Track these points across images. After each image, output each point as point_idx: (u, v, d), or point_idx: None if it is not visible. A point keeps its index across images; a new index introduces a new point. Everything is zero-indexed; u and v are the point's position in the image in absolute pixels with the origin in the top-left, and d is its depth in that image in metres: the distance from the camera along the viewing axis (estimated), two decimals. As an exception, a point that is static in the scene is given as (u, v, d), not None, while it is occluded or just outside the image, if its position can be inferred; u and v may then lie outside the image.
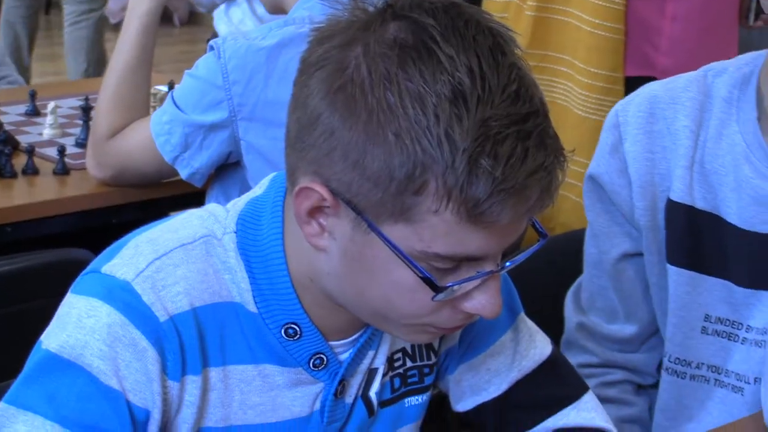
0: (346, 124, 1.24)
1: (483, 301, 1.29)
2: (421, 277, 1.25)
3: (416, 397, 1.51)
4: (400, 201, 1.23)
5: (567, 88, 3.06)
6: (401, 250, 1.24)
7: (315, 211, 1.27)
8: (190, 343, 1.34)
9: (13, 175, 2.57)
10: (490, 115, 1.20)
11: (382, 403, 1.48)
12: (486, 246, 1.26)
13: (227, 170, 2.49)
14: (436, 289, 1.25)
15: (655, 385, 2.01)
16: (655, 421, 2.00)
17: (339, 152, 1.24)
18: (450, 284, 1.26)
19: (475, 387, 1.56)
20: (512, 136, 1.20)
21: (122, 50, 2.52)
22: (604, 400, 1.76)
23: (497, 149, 1.19)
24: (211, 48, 2.36)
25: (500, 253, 1.30)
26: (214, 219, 1.40)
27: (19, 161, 2.61)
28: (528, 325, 1.59)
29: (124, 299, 1.30)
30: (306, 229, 1.29)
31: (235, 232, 1.38)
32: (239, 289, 1.36)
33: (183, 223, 1.41)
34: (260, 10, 3.12)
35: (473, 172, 1.19)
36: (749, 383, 1.87)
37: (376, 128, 1.23)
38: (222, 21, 3.50)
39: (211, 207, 1.44)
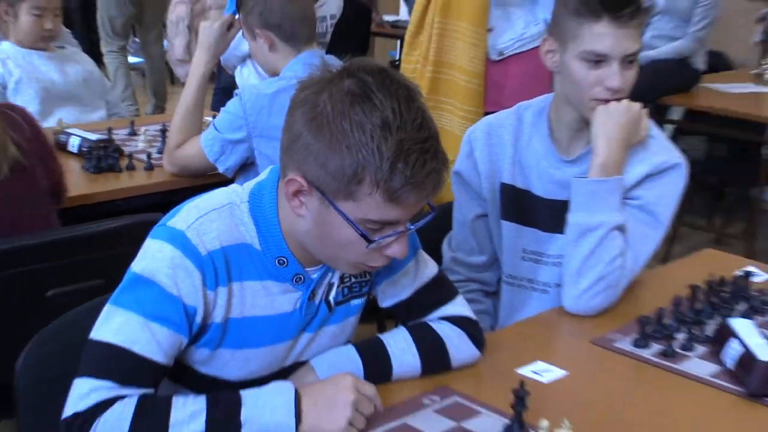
0: (317, 141, 1.50)
1: (397, 249, 1.60)
2: (360, 234, 1.53)
3: (358, 300, 1.83)
4: (348, 188, 1.49)
5: (450, 119, 3.77)
6: (349, 218, 1.52)
7: (297, 193, 1.55)
8: (221, 267, 1.56)
9: (120, 170, 3.18)
10: (404, 137, 1.47)
11: (337, 303, 1.78)
12: (399, 216, 1.55)
13: (247, 167, 3.05)
14: (369, 242, 1.55)
15: (497, 293, 2.56)
16: (500, 315, 2.51)
17: (312, 158, 1.49)
18: (377, 239, 1.55)
19: (392, 293, 1.87)
20: (417, 151, 1.47)
21: (186, 96, 3.09)
22: (466, 300, 2.07)
23: (407, 159, 1.46)
24: (236, 94, 2.97)
25: (408, 220, 1.59)
26: (236, 194, 1.64)
27: (123, 162, 3.22)
28: (424, 256, 1.90)
29: (181, 242, 1.53)
30: (291, 203, 1.56)
31: (248, 202, 1.62)
32: (250, 236, 1.63)
33: (216, 195, 1.68)
34: (261, 69, 3.58)
35: (393, 172, 1.46)
36: (552, 287, 2.37)
37: (335, 144, 1.47)
38: (238, 76, 3.99)
39: (233, 186, 1.67)
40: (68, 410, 1.50)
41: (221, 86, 4.61)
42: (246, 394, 1.55)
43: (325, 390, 1.56)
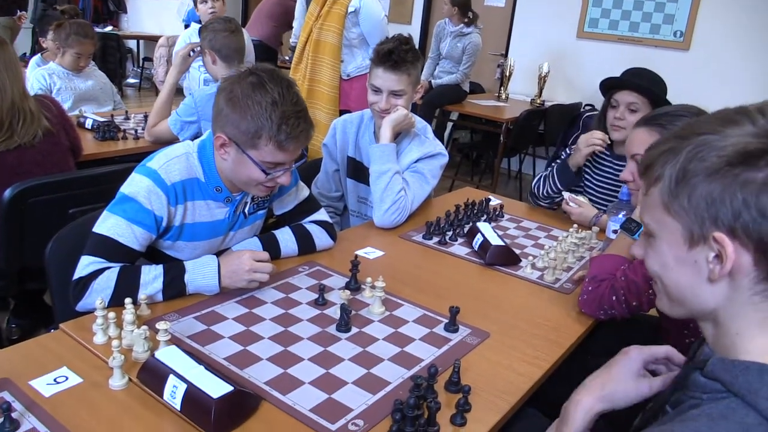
0: (233, 112, 1.45)
1: (284, 179, 1.56)
2: (261, 170, 1.50)
3: (262, 210, 1.79)
4: (252, 141, 1.45)
5: (320, 114, 3.68)
6: (254, 160, 1.49)
7: (222, 146, 1.48)
8: (180, 193, 1.50)
9: (118, 140, 3.08)
10: (285, 110, 1.43)
11: (250, 213, 1.74)
12: (285, 159, 1.52)
13: (196, 136, 2.84)
14: (267, 174, 1.52)
15: (343, 215, 2.51)
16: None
17: (230, 123, 1.45)
18: (272, 173, 1.52)
19: (282, 206, 1.84)
20: (293, 118, 1.45)
21: (161, 96, 2.97)
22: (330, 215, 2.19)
23: (288, 122, 1.44)
24: (191, 93, 2.89)
25: (292, 161, 1.56)
26: (189, 146, 1.57)
27: (120, 135, 3.11)
28: (300, 184, 1.86)
29: (154, 176, 1.47)
30: (219, 152, 1.54)
31: (196, 152, 1.55)
32: (198, 173, 1.59)
33: (177, 147, 1.56)
34: (205, 76, 3.50)
35: (279, 131, 1.43)
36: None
37: (243, 114, 1.43)
38: (185, 80, 3.77)
39: (187, 142, 1.59)
40: (76, 275, 1.46)
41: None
42: (187, 265, 1.53)
43: (233, 262, 1.54)
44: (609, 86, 2.32)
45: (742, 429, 0.71)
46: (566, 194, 2.31)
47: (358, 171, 2.42)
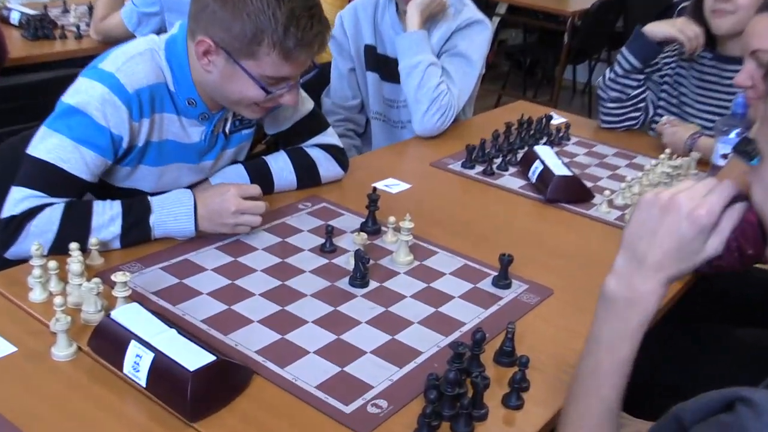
0: (222, 10, 1.43)
1: (288, 98, 1.58)
2: (260, 87, 1.51)
3: (248, 129, 1.80)
4: (249, 48, 1.43)
5: (325, 7, 3.53)
6: (250, 74, 1.49)
7: (206, 53, 1.46)
8: (146, 102, 1.50)
9: (54, 38, 3.09)
10: (294, 5, 1.42)
11: (232, 132, 1.76)
12: (291, 72, 1.52)
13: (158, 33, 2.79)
14: (268, 93, 1.52)
15: (363, 133, 2.65)
16: (372, 145, 2.58)
17: (218, 24, 1.43)
18: (273, 91, 1.53)
19: (276, 124, 1.85)
20: (305, 17, 1.43)
21: None
22: (342, 135, 2.30)
23: (298, 23, 1.42)
24: None
25: (299, 75, 1.57)
26: (153, 42, 1.55)
27: (57, 32, 3.13)
28: (303, 95, 1.85)
29: (110, 81, 1.45)
30: (201, 62, 1.48)
31: (164, 50, 1.54)
32: (167, 78, 1.52)
33: (137, 43, 1.56)
34: None
35: (287, 35, 1.41)
36: (407, 124, 2.44)
37: (237, 12, 1.41)
38: None
39: (150, 36, 1.58)
40: (5, 213, 1.45)
41: None
42: (154, 202, 1.52)
43: (213, 200, 1.54)
44: None
45: None
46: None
47: (380, 63, 2.46)
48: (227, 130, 1.74)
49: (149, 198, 1.53)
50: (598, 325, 0.99)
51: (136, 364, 1.12)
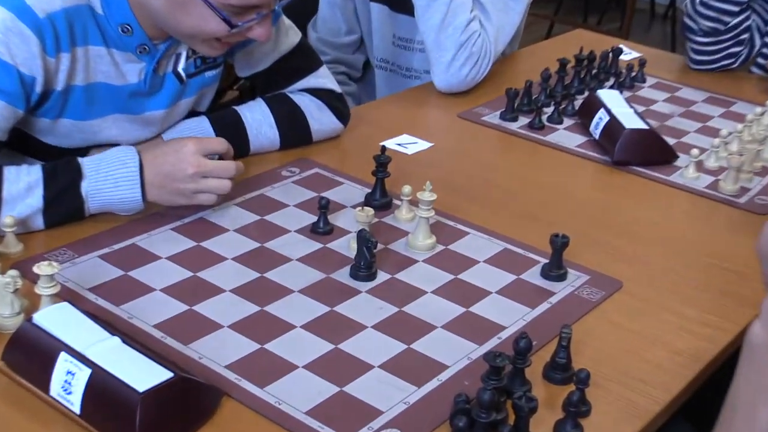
0: None
1: (259, 32, 1.59)
2: (223, 19, 1.52)
3: (213, 71, 1.81)
4: None
5: None
6: (210, 2, 1.50)
7: None
8: (63, 31, 1.50)
9: None
10: None
11: (190, 75, 1.76)
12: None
13: None
14: (232, 26, 1.54)
15: (362, 78, 2.67)
16: (377, 95, 2.60)
17: None
18: (240, 23, 1.54)
19: (250, 63, 1.87)
20: None
21: None
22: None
23: None
24: None
25: (275, 2, 1.56)
26: None
27: None
28: (285, 24, 1.88)
29: (13, 3, 1.45)
30: None
31: None
32: None
33: None
34: None
35: None
36: (423, 74, 2.47)
37: None
38: None
39: None
40: None
41: None
42: (86, 164, 1.52)
43: (166, 159, 1.54)
44: None
45: None
46: None
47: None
48: (181, 71, 1.74)
49: (79, 159, 1.53)
50: (737, 383, 0.95)
51: (67, 383, 1.12)
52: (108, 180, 1.52)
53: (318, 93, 1.92)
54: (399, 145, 1.97)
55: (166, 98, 1.74)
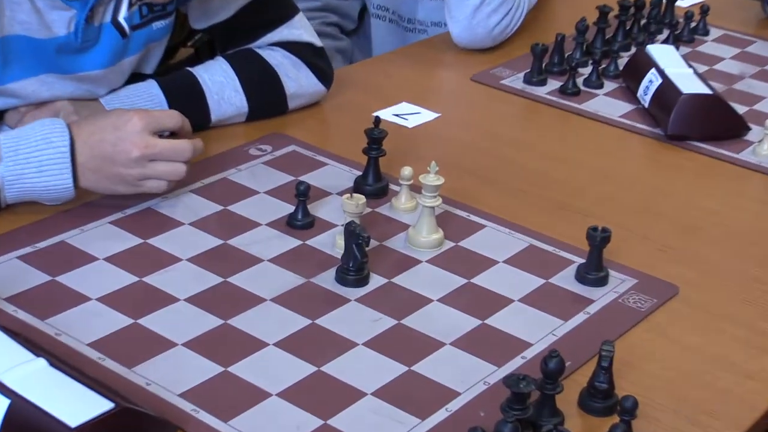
0: None
1: None
2: None
3: (162, 21, 1.81)
4: None
5: None
6: None
7: None
8: None
9: None
10: None
11: (134, 27, 1.75)
12: None
13: None
14: None
15: (356, 30, 2.70)
16: (373, 54, 2.61)
17: None
18: None
19: (207, 12, 1.88)
20: None
21: None
22: (322, 34, 2.21)
23: None
24: None
25: None
26: None
27: None
28: None
29: None
30: None
31: None
32: None
33: None
34: None
35: None
36: (430, 27, 2.49)
37: None
38: None
39: None
40: None
41: None
42: (3, 143, 1.51)
43: (104, 137, 1.53)
44: None
45: None
46: None
47: None
48: (123, 21, 1.74)
49: None
50: None
51: (-18, 417, 1.12)
52: (30, 163, 1.51)
53: (293, 47, 1.92)
54: (397, 115, 1.97)
55: (104, 55, 1.74)
